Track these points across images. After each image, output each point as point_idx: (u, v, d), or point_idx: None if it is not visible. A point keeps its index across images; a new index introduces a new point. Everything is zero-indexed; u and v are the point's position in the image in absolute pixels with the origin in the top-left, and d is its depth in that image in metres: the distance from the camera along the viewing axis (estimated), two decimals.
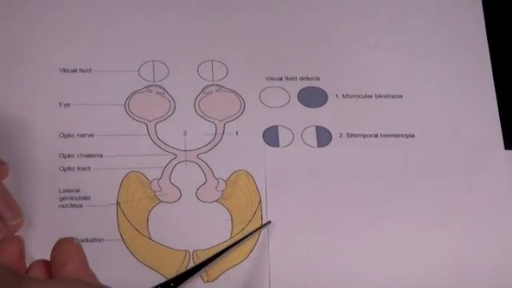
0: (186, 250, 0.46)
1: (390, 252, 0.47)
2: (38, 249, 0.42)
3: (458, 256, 0.47)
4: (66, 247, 0.36)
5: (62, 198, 0.46)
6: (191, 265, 0.45)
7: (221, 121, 0.50)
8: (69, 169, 0.47)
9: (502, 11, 0.56)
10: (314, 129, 0.50)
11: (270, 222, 0.47)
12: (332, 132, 0.50)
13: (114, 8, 0.53)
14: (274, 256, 0.46)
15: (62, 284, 0.34)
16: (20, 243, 0.36)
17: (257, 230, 0.46)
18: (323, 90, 0.52)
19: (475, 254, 0.48)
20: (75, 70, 0.50)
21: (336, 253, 0.47)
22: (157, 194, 0.47)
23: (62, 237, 0.44)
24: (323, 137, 0.50)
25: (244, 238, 0.46)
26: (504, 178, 0.50)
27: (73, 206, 0.46)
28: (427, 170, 0.50)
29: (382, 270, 0.47)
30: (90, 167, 0.47)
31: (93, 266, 0.44)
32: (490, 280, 0.47)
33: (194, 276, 0.43)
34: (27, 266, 0.37)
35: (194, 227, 0.46)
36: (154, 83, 0.51)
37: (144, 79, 0.51)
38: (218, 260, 0.44)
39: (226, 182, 0.48)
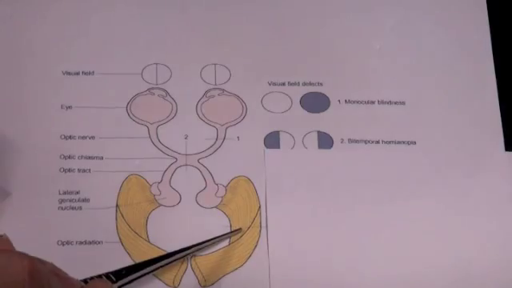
0: None
1: (390, 256, 0.47)
2: (36, 251, 0.42)
3: (458, 258, 0.47)
4: None
5: (62, 200, 0.46)
6: (189, 270, 0.45)
7: (222, 125, 0.50)
8: (69, 170, 0.47)
9: (507, 17, 0.55)
10: (315, 134, 0.50)
11: (240, 229, 0.47)
12: (333, 137, 0.50)
13: (118, 11, 0.53)
14: (273, 262, 0.46)
15: None
16: None
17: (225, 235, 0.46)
18: (326, 96, 0.52)
19: (476, 256, 0.47)
20: (78, 73, 0.50)
21: (336, 259, 0.47)
22: (156, 197, 0.47)
23: (61, 239, 0.44)
24: (325, 142, 0.50)
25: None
26: (505, 179, 0.50)
27: (72, 208, 0.46)
28: (428, 176, 0.49)
29: (383, 274, 0.46)
30: (90, 169, 0.47)
31: (91, 268, 0.44)
32: (491, 282, 0.47)
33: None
34: None
35: (192, 232, 0.46)
36: (157, 86, 0.51)
37: (147, 82, 0.51)
38: None
39: (225, 187, 0.48)
